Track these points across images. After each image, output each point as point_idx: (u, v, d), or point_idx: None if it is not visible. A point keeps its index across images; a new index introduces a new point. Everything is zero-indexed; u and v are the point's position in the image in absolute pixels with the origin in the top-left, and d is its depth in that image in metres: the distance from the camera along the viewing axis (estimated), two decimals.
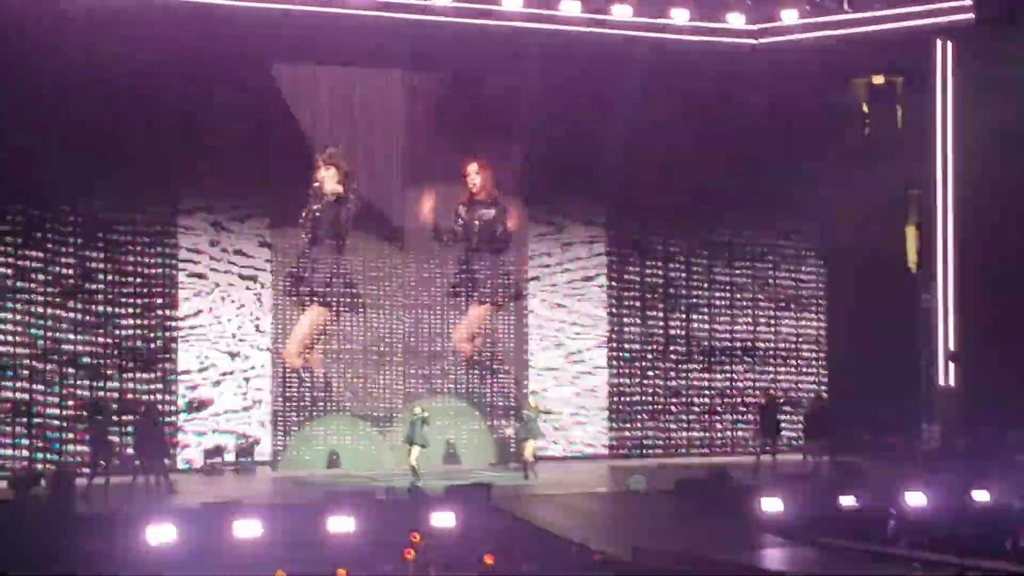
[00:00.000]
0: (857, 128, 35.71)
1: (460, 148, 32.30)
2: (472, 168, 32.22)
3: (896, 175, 34.10)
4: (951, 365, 33.51)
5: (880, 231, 34.23)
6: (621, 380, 34.12)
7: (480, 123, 32.40)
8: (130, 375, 30.10)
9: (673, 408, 34.34)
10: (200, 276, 30.89)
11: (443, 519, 24.00)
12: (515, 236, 32.72)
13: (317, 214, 30.65)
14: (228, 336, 31.20)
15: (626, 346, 34.17)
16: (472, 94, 32.47)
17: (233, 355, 31.20)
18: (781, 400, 33.62)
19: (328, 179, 30.56)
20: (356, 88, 31.82)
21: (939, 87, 33.62)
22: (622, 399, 34.02)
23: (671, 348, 34.53)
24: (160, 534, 22.02)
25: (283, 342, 31.09)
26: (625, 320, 34.22)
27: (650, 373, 34.25)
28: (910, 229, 35.22)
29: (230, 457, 30.71)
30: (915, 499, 25.42)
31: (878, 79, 35.35)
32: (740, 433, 34.63)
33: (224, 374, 31.10)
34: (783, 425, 32.33)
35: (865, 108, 35.80)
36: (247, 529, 22.66)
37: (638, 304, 34.31)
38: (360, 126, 31.83)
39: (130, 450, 28.45)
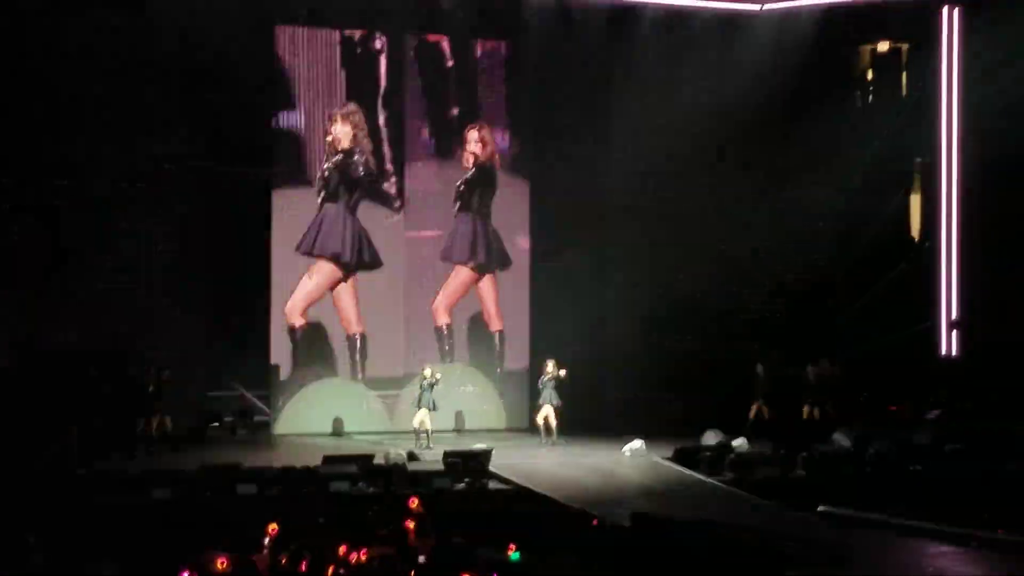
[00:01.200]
0: (862, 95, 35.51)
1: (463, 114, 32.27)
2: (472, 135, 32.09)
3: (900, 143, 33.95)
4: (954, 333, 33.43)
5: (884, 200, 34.03)
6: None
7: (482, 90, 32.35)
8: None
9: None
10: None
11: (440, 484, 24.09)
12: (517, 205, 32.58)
13: (328, 171, 30.77)
14: None
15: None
16: (475, 58, 32.32)
17: None
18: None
19: (343, 135, 30.69)
20: (361, 49, 31.53)
21: (945, 54, 33.43)
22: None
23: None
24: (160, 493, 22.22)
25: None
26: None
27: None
28: (914, 198, 35.09)
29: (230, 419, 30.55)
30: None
31: (883, 46, 35.12)
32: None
33: None
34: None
35: (870, 75, 35.59)
36: (246, 489, 22.81)
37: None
38: (366, 89, 31.60)
39: None
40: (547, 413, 29.14)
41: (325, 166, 30.90)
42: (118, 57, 29.12)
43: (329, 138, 30.91)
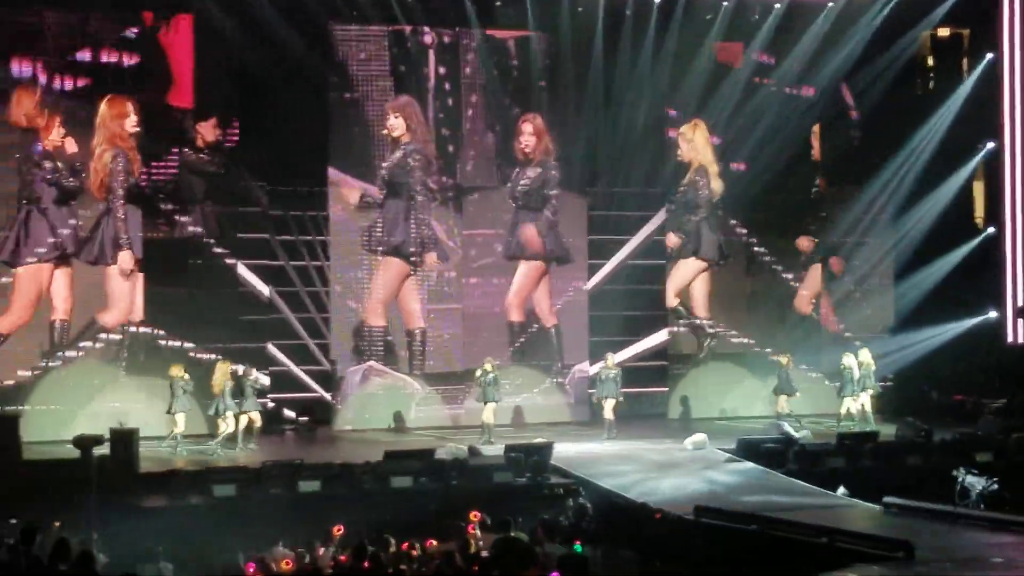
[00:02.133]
0: (922, 82, 35.27)
1: (518, 107, 32.16)
2: (527, 127, 32.02)
3: (963, 130, 33.69)
4: (1020, 322, 33.16)
5: (948, 187, 33.76)
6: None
7: (538, 84, 32.23)
8: None
9: None
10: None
11: (502, 478, 24.06)
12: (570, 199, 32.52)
13: (386, 166, 30.84)
14: None
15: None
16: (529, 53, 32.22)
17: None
18: None
19: (397, 127, 30.75)
20: (418, 46, 31.52)
21: (1007, 39, 33.15)
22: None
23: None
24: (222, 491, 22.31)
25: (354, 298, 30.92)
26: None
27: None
28: (977, 184, 34.82)
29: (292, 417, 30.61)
30: None
31: (944, 32, 34.84)
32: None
33: None
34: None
35: (930, 61, 35.33)
36: (308, 486, 22.85)
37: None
38: (422, 85, 31.57)
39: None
40: (608, 406, 29.07)
41: (384, 164, 30.91)
42: None
43: (384, 131, 30.90)
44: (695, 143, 33.01)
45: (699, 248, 33.28)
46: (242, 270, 30.06)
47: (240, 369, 27.80)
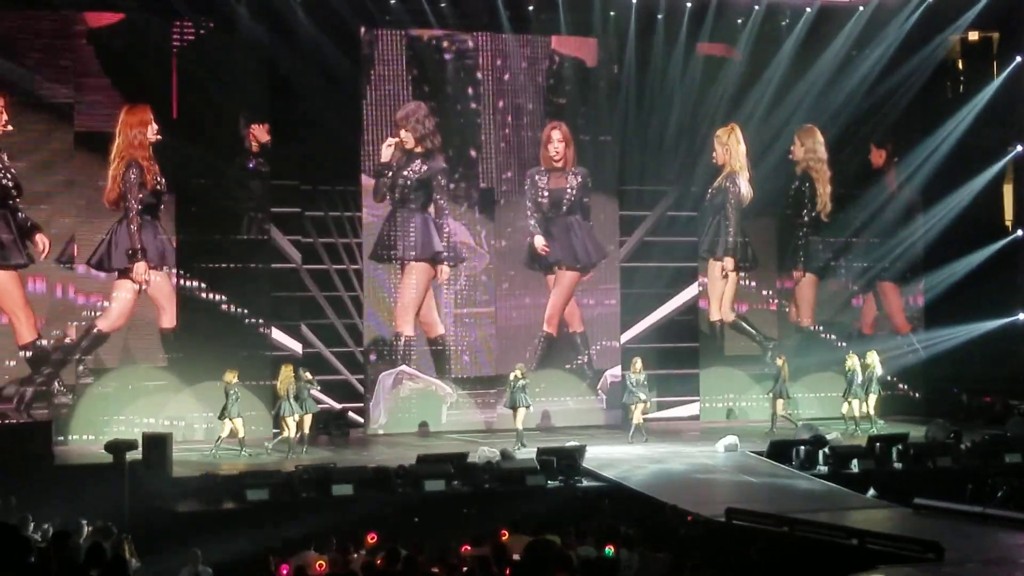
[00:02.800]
0: (952, 85, 35.28)
1: (548, 113, 32.26)
2: (556, 135, 32.10)
3: (991, 132, 33.72)
4: None
5: (977, 189, 33.76)
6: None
7: (564, 89, 32.36)
8: None
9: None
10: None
11: (534, 481, 24.16)
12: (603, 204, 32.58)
13: (400, 175, 30.94)
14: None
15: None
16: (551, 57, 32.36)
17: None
18: None
19: (407, 139, 30.89)
20: (442, 50, 31.66)
21: None
22: None
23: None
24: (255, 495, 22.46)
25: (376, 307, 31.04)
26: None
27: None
28: (1007, 187, 34.82)
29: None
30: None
31: (973, 35, 34.87)
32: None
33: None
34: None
35: (960, 65, 35.37)
36: (341, 490, 22.98)
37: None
38: (447, 88, 31.72)
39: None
40: (637, 411, 29.15)
41: (404, 173, 31.04)
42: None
43: (396, 140, 30.97)
44: (729, 147, 33.14)
45: (725, 250, 33.35)
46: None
47: (304, 373, 28.04)
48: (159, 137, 29.23)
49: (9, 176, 28.52)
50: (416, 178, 31.23)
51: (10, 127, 28.51)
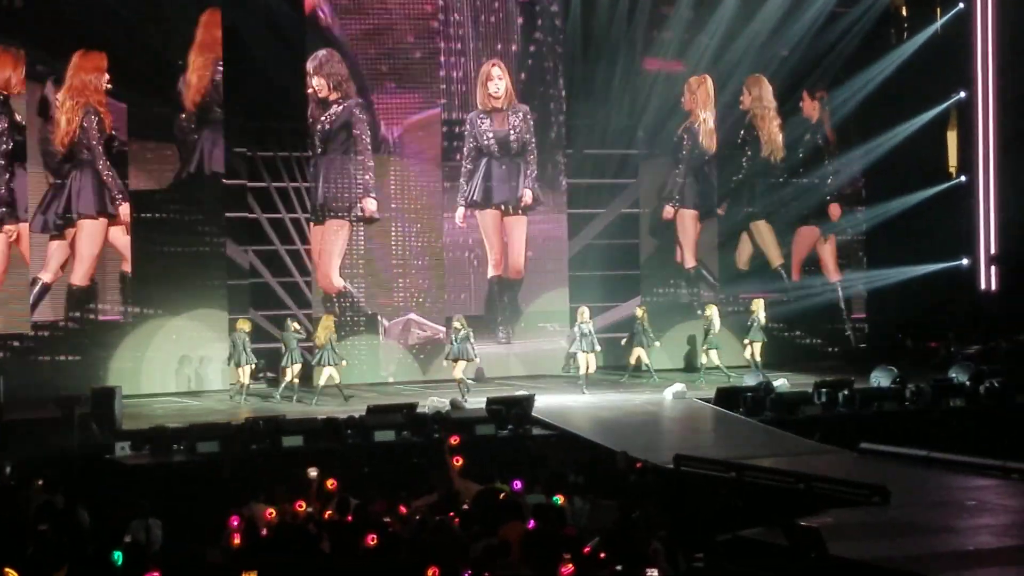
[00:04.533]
0: (896, 32, 35.39)
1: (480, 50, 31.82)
2: (496, 71, 31.90)
3: (936, 79, 33.88)
4: (993, 269, 33.42)
5: (921, 136, 33.90)
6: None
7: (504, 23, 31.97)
8: None
9: None
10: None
11: (484, 431, 24.23)
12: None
13: (317, 124, 30.48)
14: None
15: None
16: None
17: None
18: None
19: (321, 87, 30.44)
20: None
21: None
22: None
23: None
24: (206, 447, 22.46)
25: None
26: None
27: None
28: (951, 134, 35.01)
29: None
30: None
31: None
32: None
33: None
34: None
35: (904, 11, 35.47)
36: (292, 441, 23.00)
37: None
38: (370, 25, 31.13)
39: None
40: (583, 360, 29.20)
41: (321, 122, 30.56)
42: None
43: (310, 91, 30.45)
44: (697, 96, 33.10)
45: (684, 198, 33.41)
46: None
47: (293, 323, 28.35)
48: (111, 86, 29.00)
49: None
50: (332, 126, 30.63)
51: None
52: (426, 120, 31.35)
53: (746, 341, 30.36)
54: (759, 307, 30.46)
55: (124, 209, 29.11)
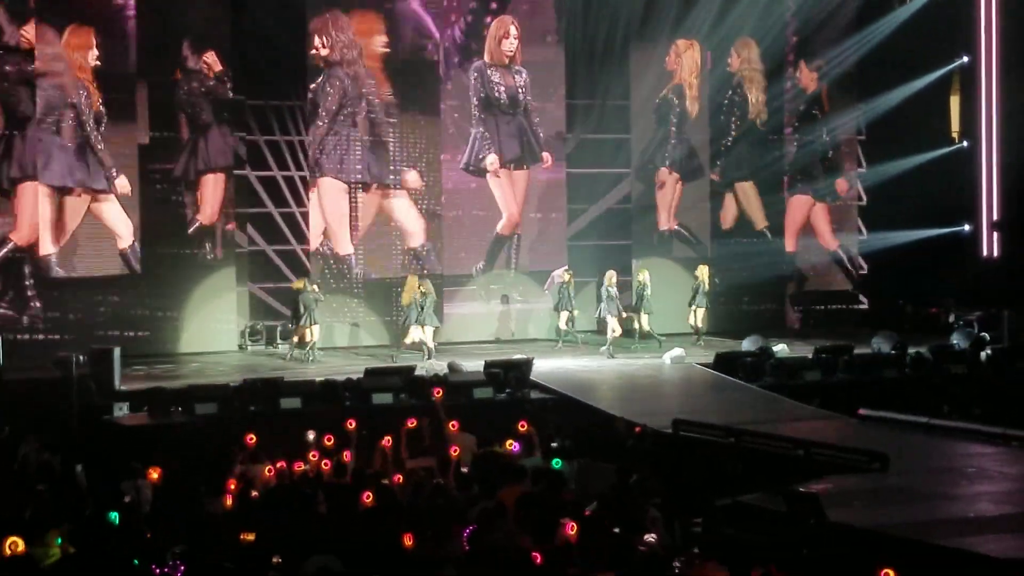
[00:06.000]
0: None
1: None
2: (513, 30, 31.74)
3: (939, 45, 33.74)
4: (995, 235, 33.34)
5: (923, 101, 33.76)
6: None
7: None
8: None
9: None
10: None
11: (482, 394, 24.18)
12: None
13: (319, 91, 30.37)
14: None
15: None
16: None
17: None
18: None
19: (321, 48, 30.31)
20: None
21: None
22: None
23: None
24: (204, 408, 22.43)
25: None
26: None
27: None
28: (954, 99, 34.89)
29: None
30: None
31: None
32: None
33: None
34: None
35: None
36: (290, 403, 22.99)
37: None
38: None
39: None
40: (613, 325, 29.16)
41: (328, 89, 30.47)
42: None
43: (313, 52, 30.34)
44: (683, 60, 32.94)
45: (665, 160, 33.25)
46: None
47: (312, 286, 28.54)
48: (99, 62, 28.88)
49: None
50: (335, 91, 30.51)
51: None
52: None
53: (692, 307, 30.17)
54: (704, 273, 30.28)
55: (121, 182, 29.07)
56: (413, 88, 31.03)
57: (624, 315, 29.34)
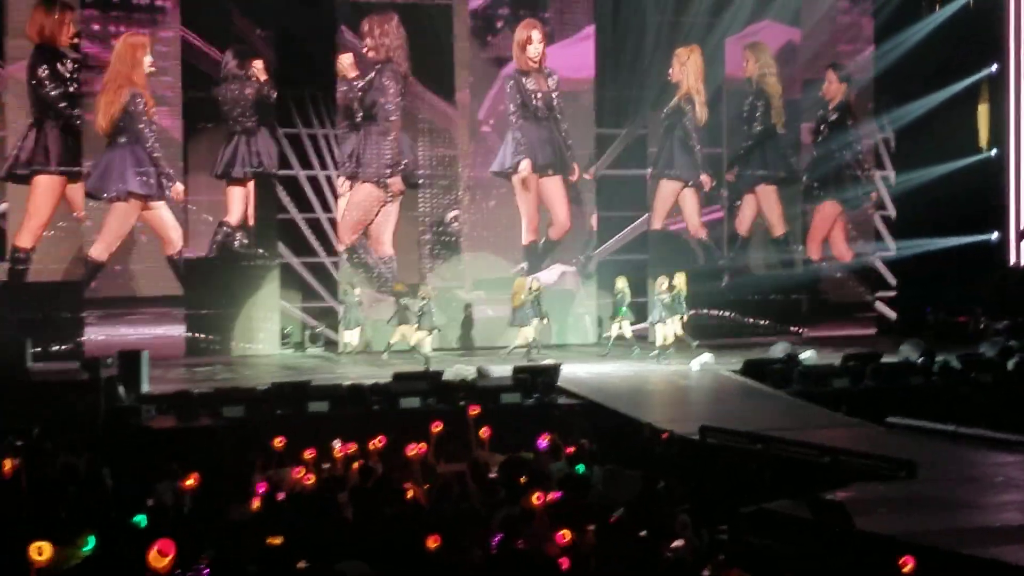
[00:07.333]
0: (928, 4, 35.16)
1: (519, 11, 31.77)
2: (536, 35, 31.70)
3: (968, 53, 33.69)
4: (1023, 244, 33.26)
5: (952, 109, 33.69)
6: None
7: None
8: None
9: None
10: None
11: (509, 399, 24.19)
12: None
13: (354, 97, 30.59)
14: None
15: None
16: None
17: None
18: None
19: (370, 47, 30.45)
20: None
21: None
22: None
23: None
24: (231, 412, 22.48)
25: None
26: None
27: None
28: (982, 107, 34.81)
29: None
30: None
31: None
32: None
33: None
34: None
35: None
36: (317, 407, 23.02)
37: None
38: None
39: None
40: (666, 331, 29.15)
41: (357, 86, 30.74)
42: None
43: (365, 50, 30.61)
44: (687, 68, 32.83)
45: (672, 169, 33.19)
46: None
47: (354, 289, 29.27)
48: (153, 69, 29.18)
49: None
50: (375, 91, 30.72)
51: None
52: None
53: (676, 317, 29.86)
54: (682, 282, 30.02)
55: (178, 188, 29.61)
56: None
57: (684, 319, 29.38)
